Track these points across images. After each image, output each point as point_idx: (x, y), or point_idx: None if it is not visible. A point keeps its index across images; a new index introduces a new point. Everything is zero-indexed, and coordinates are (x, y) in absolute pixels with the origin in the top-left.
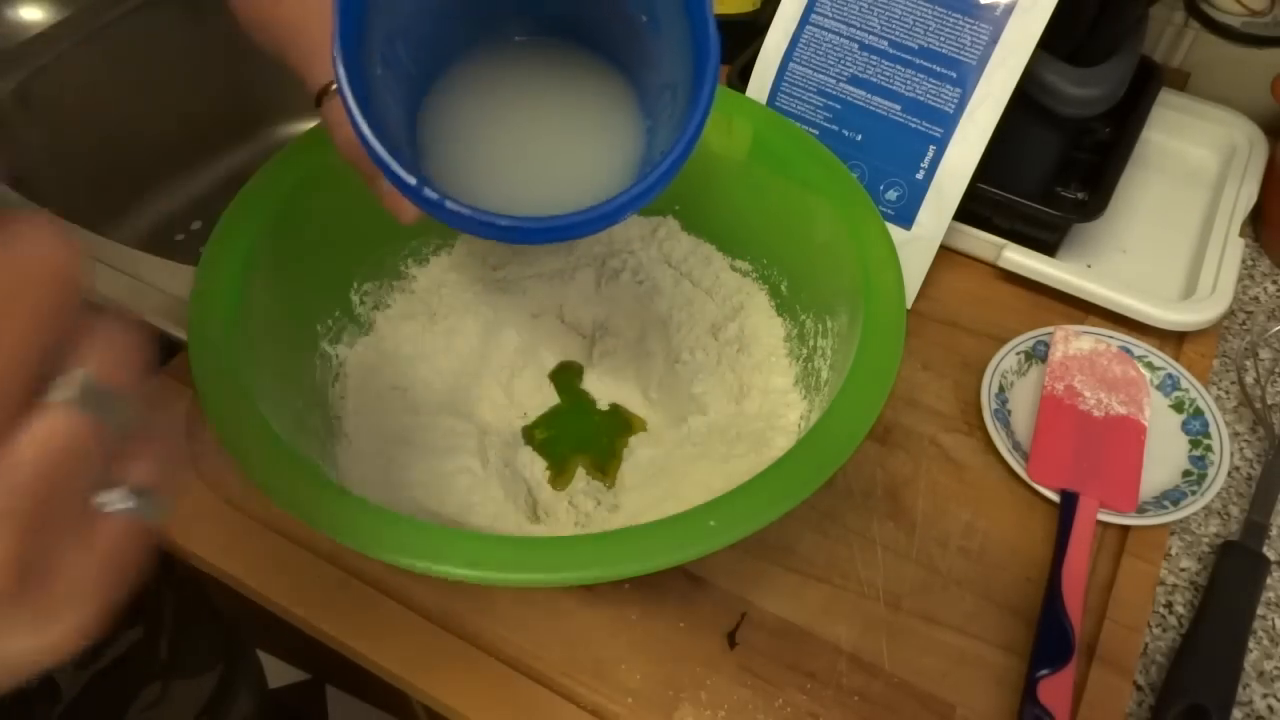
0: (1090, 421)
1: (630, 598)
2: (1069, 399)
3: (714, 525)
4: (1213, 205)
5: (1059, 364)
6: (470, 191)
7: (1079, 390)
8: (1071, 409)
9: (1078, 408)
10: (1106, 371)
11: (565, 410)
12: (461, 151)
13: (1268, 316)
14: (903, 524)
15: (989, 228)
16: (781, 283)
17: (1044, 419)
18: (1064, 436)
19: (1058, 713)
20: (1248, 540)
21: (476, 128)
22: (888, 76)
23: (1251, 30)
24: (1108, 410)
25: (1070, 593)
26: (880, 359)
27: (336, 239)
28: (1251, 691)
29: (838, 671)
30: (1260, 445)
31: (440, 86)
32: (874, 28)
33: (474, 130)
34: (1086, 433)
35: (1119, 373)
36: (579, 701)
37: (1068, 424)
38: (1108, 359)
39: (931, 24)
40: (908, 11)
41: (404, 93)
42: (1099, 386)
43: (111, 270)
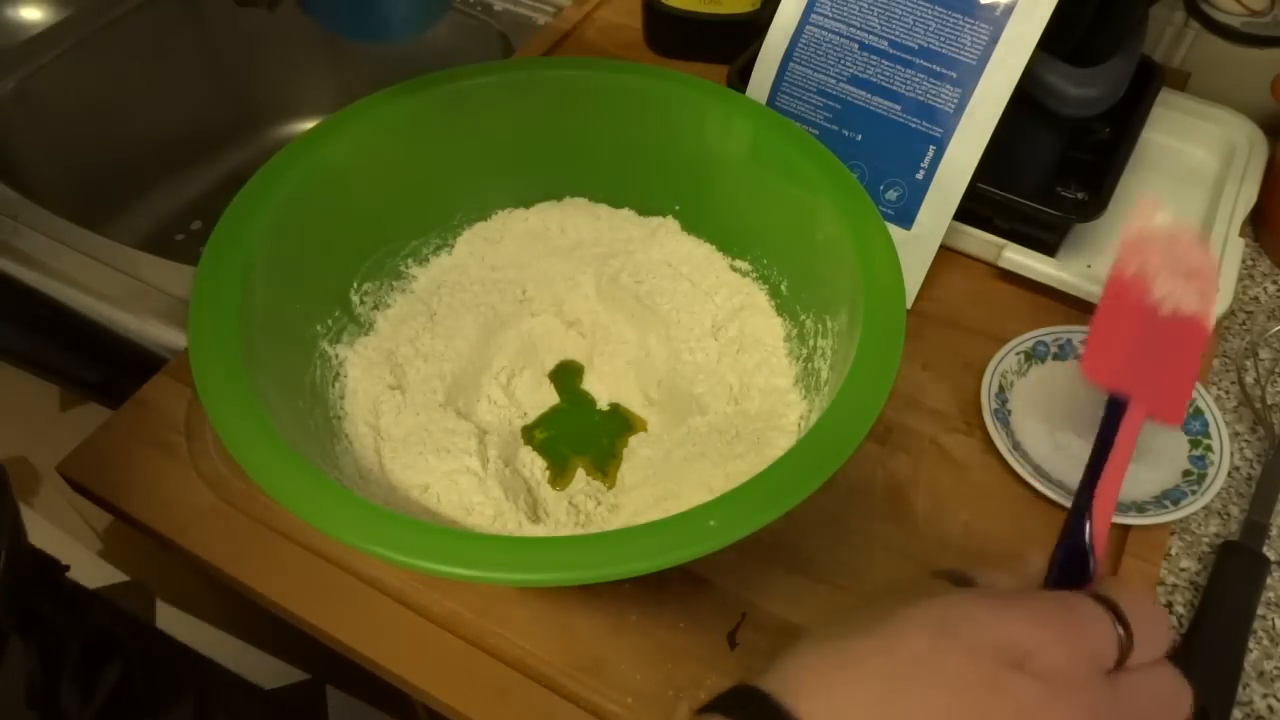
0: (1154, 318)
1: (630, 598)
2: (1137, 287)
3: (714, 525)
4: (1213, 205)
5: (1135, 241)
6: None
7: (1149, 277)
8: (1138, 300)
9: (1144, 300)
10: (1185, 258)
11: (565, 410)
12: None
13: (1268, 316)
14: (903, 524)
15: (989, 228)
16: (781, 283)
17: (1107, 306)
18: (1124, 330)
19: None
20: (1248, 540)
21: None
22: (888, 76)
23: (1251, 30)
24: (1176, 307)
25: (1100, 514)
26: (880, 359)
27: (337, 238)
28: (1251, 691)
29: None
30: (1260, 445)
31: None
32: (874, 28)
33: None
34: (1149, 329)
35: (1196, 262)
36: (579, 701)
37: (1132, 316)
38: (1188, 243)
39: (931, 24)
40: (908, 11)
41: None
42: (1173, 275)
43: (111, 270)
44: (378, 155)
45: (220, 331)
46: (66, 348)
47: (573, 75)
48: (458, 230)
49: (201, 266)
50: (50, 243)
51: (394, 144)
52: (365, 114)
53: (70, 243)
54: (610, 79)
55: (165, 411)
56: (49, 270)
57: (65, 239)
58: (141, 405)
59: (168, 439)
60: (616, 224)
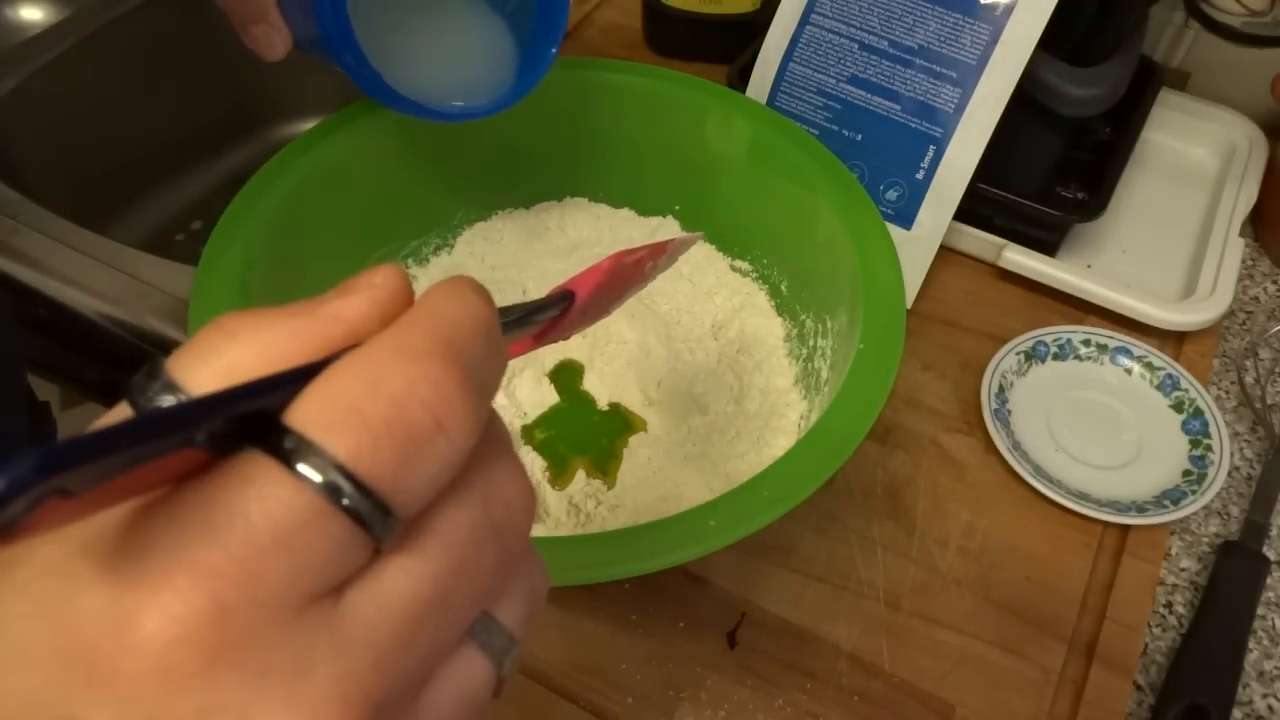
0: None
1: (630, 598)
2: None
3: (714, 525)
4: (1213, 205)
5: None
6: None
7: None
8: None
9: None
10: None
11: (565, 410)
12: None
13: (1268, 316)
14: (903, 524)
15: (989, 228)
16: (781, 283)
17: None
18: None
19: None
20: (1248, 540)
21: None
22: (888, 76)
23: (1251, 30)
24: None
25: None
26: (880, 359)
27: (336, 239)
28: (1251, 691)
29: (838, 671)
30: (1260, 445)
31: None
32: (874, 27)
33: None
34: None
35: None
36: (579, 701)
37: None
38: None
39: (931, 24)
40: (908, 11)
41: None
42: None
43: (111, 270)
44: (378, 155)
45: None
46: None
47: (573, 75)
48: (458, 230)
49: (201, 266)
50: (50, 243)
51: (394, 144)
52: (365, 114)
53: (70, 243)
54: (610, 79)
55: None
56: (49, 270)
57: (65, 239)
58: None
59: None
60: (616, 224)
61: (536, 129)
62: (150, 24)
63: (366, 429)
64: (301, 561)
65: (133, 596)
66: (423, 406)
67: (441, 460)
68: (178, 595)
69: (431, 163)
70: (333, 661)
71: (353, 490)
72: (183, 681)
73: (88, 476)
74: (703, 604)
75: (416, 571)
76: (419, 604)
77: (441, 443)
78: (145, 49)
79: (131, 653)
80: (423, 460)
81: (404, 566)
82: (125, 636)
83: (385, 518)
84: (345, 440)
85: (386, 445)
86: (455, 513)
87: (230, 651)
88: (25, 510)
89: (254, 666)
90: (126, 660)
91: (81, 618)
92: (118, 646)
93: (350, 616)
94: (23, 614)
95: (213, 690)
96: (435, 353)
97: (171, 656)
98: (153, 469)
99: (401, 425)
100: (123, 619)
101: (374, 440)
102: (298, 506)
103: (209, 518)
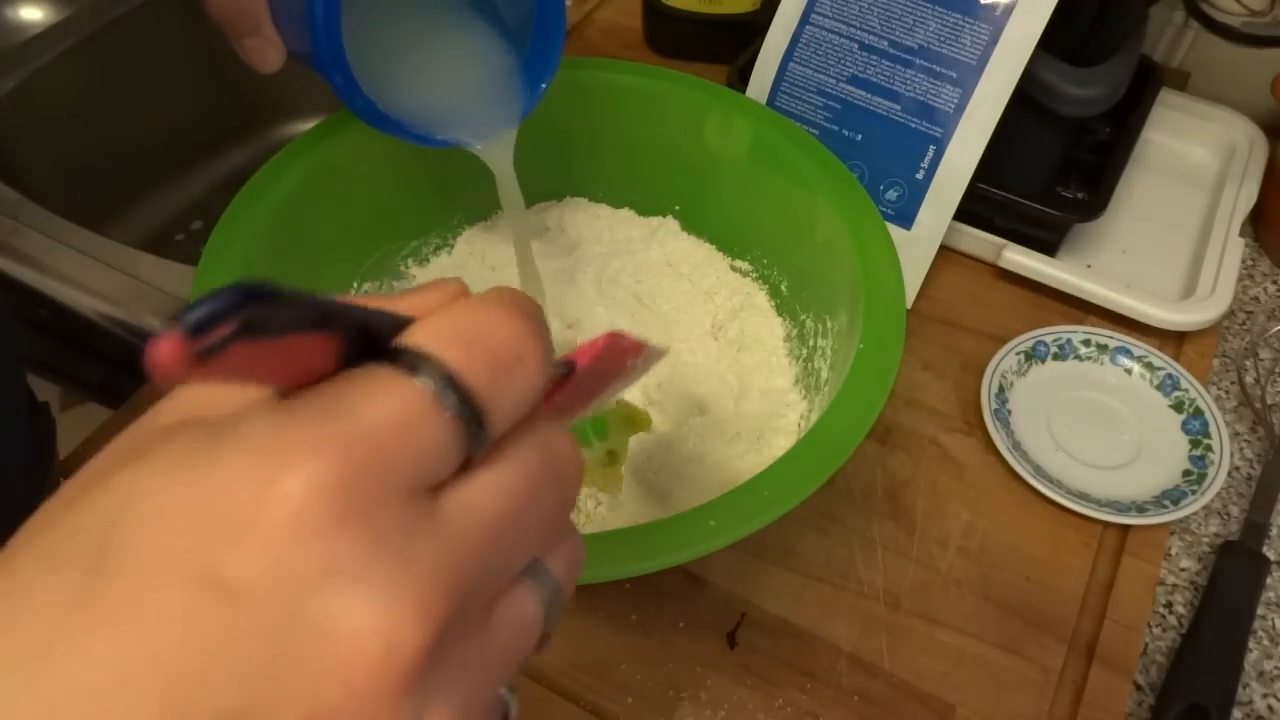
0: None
1: (630, 598)
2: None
3: (714, 525)
4: (1213, 205)
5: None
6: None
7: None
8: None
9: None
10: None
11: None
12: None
13: (1268, 316)
14: (903, 524)
15: (989, 228)
16: (781, 283)
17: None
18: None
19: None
20: (1248, 540)
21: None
22: (888, 76)
23: (1251, 30)
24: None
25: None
26: (880, 359)
27: (336, 239)
28: (1251, 691)
29: (838, 671)
30: (1260, 445)
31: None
32: (874, 27)
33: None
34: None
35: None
36: (579, 701)
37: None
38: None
39: (931, 24)
40: (907, 11)
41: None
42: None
43: (111, 270)
44: (378, 156)
45: None
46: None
47: (572, 75)
48: (458, 230)
49: (201, 266)
50: (50, 243)
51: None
52: None
53: (70, 243)
54: (610, 79)
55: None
56: (49, 270)
57: (65, 239)
58: (141, 405)
59: None
60: (616, 224)
61: (536, 129)
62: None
63: (466, 350)
64: (415, 451)
65: (272, 463)
66: (507, 341)
67: (521, 391)
68: (313, 464)
69: (431, 163)
70: (433, 549)
71: (456, 397)
72: (312, 538)
73: (271, 322)
74: (703, 604)
75: (496, 488)
76: (498, 517)
77: (521, 374)
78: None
79: (269, 511)
80: (509, 384)
81: (487, 481)
82: (264, 497)
83: (479, 429)
84: (451, 355)
85: (481, 365)
86: (525, 451)
87: (354, 518)
88: (221, 343)
89: (371, 536)
90: (265, 517)
91: (222, 484)
92: (257, 506)
93: (445, 514)
94: (160, 487)
95: (336, 550)
96: (514, 307)
97: (304, 515)
98: (297, 353)
99: (492, 352)
100: (263, 483)
101: (471, 359)
102: (414, 403)
103: (339, 407)
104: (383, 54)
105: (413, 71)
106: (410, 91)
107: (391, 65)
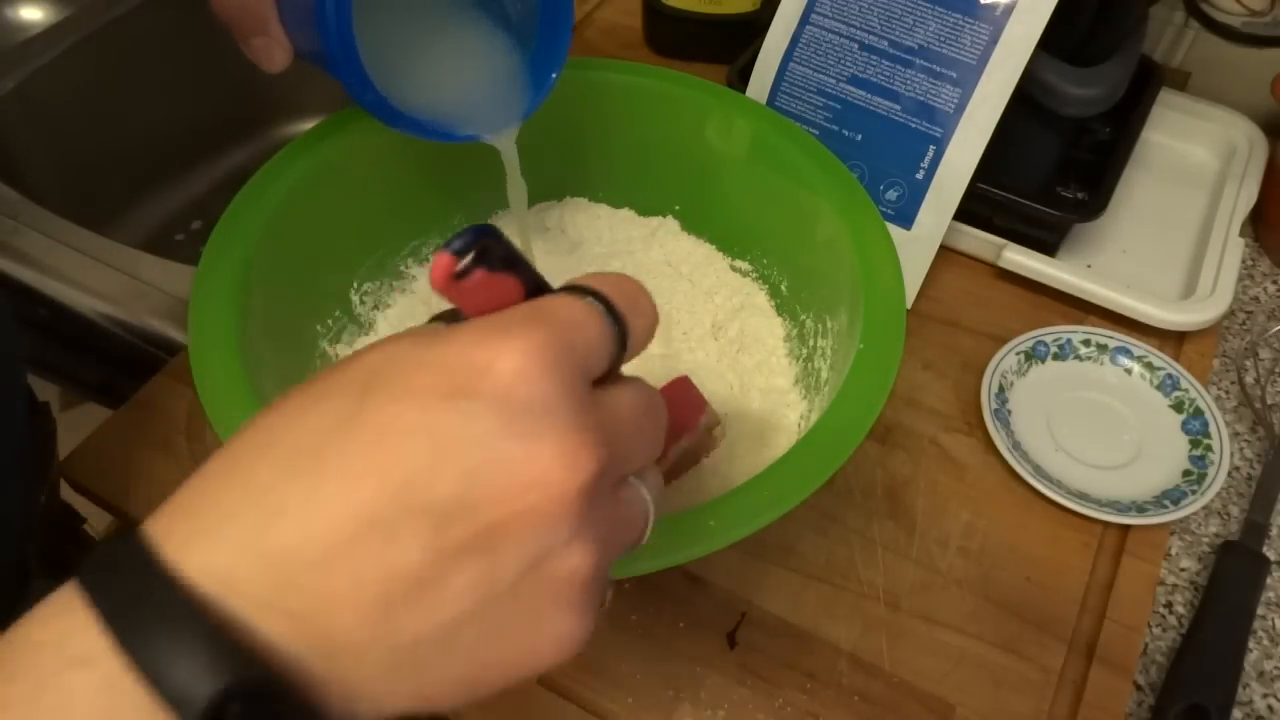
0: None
1: (630, 598)
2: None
3: (714, 525)
4: (1213, 205)
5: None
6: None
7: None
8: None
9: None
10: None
11: None
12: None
13: (1268, 316)
14: (903, 524)
15: (989, 228)
16: (781, 283)
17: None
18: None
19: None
20: (1248, 540)
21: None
22: (888, 76)
23: (1251, 30)
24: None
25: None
26: (880, 359)
27: (337, 239)
28: (1251, 691)
29: (838, 671)
30: (1260, 445)
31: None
32: (874, 27)
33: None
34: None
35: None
36: (579, 701)
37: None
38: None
39: (931, 24)
40: (908, 11)
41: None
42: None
43: (111, 270)
44: (377, 155)
45: (220, 331)
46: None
47: (572, 75)
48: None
49: (201, 266)
50: (50, 243)
51: (394, 144)
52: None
53: (70, 243)
54: (610, 79)
55: (165, 411)
56: (49, 270)
57: (65, 239)
58: (141, 405)
59: (168, 439)
60: (616, 224)
61: (536, 129)
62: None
63: (610, 289)
64: (588, 341)
65: (499, 334)
66: (634, 290)
67: (646, 324)
68: (529, 335)
69: (431, 163)
70: (597, 416)
71: (608, 313)
72: (528, 382)
73: (493, 255)
74: (703, 604)
75: (627, 396)
76: (629, 417)
77: (644, 312)
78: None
79: (500, 360)
80: (638, 315)
81: (623, 391)
82: (495, 352)
83: (623, 341)
84: (603, 288)
85: (621, 299)
86: (639, 385)
87: (555, 374)
88: (470, 267)
89: (565, 390)
90: (496, 363)
91: (463, 345)
92: (490, 358)
93: (601, 399)
94: (411, 350)
95: (544, 393)
96: (629, 276)
97: (524, 365)
98: (501, 288)
99: (626, 295)
100: (494, 343)
101: (615, 295)
102: (586, 312)
103: (539, 309)
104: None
105: (421, 67)
106: (420, 88)
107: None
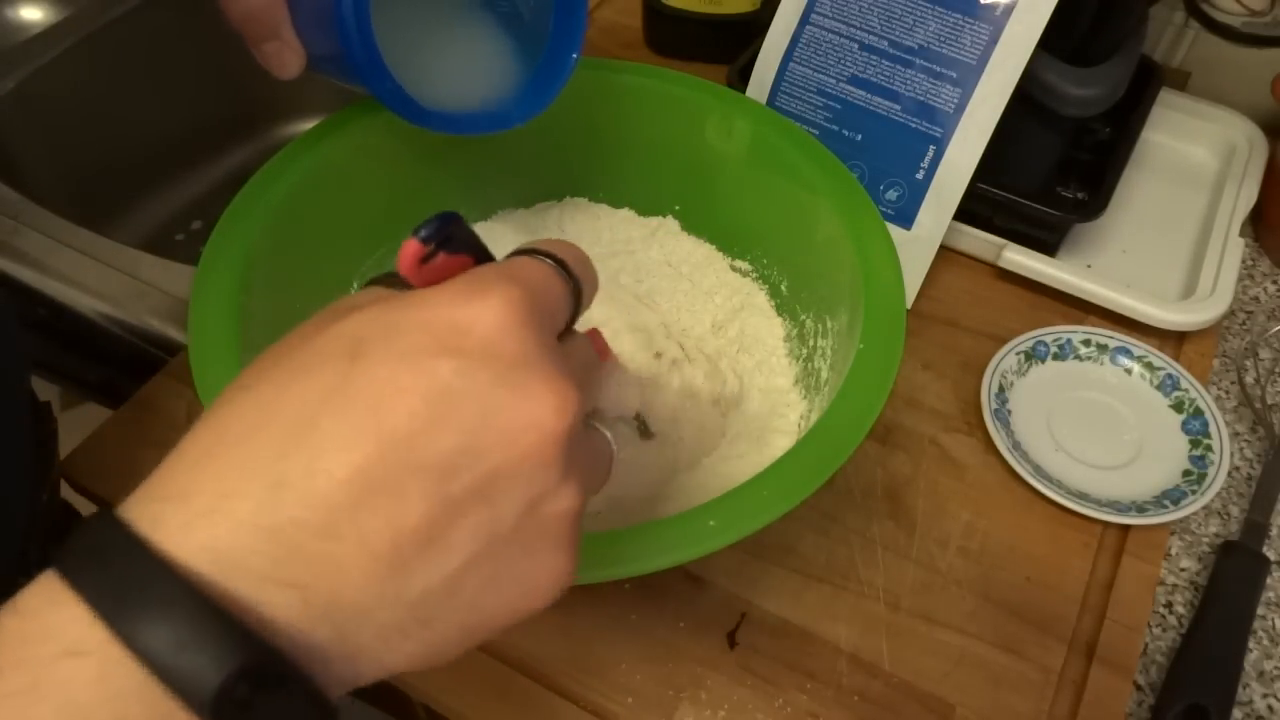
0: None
1: (630, 598)
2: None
3: (714, 525)
4: (1213, 205)
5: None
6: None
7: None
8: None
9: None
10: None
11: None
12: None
13: (1268, 316)
14: (903, 524)
15: (989, 228)
16: (781, 283)
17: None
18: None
19: None
20: (1248, 540)
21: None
22: (888, 76)
23: (1251, 30)
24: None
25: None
26: (880, 359)
27: (337, 239)
28: (1251, 691)
29: (838, 671)
30: (1260, 445)
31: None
32: (874, 27)
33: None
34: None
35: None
36: (579, 701)
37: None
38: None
39: (931, 24)
40: (908, 11)
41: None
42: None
43: (111, 270)
44: (378, 154)
45: (220, 331)
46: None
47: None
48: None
49: (201, 266)
50: (50, 243)
51: (394, 144)
52: (366, 113)
53: (70, 243)
54: (610, 79)
55: (165, 411)
56: (49, 270)
57: (65, 239)
58: (141, 405)
59: (168, 439)
60: (616, 224)
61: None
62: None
63: (561, 251)
64: (552, 297)
65: (477, 291)
66: (578, 255)
67: (592, 284)
68: (505, 290)
69: (431, 163)
70: (568, 368)
71: (565, 272)
72: (509, 334)
73: (456, 239)
74: (703, 604)
75: (582, 345)
76: (588, 362)
77: (591, 274)
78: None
79: (482, 316)
80: (587, 277)
81: (577, 340)
82: (476, 310)
83: (578, 297)
84: (555, 250)
85: (573, 262)
86: (584, 339)
87: (533, 326)
88: (434, 250)
89: (542, 341)
90: (479, 319)
91: (443, 305)
92: (472, 315)
93: (565, 351)
94: (393, 313)
95: (525, 343)
96: (571, 243)
97: (503, 319)
98: (456, 267)
99: (575, 258)
100: (474, 301)
101: (566, 258)
102: (547, 272)
103: (508, 268)
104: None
105: (437, 63)
106: (437, 82)
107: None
